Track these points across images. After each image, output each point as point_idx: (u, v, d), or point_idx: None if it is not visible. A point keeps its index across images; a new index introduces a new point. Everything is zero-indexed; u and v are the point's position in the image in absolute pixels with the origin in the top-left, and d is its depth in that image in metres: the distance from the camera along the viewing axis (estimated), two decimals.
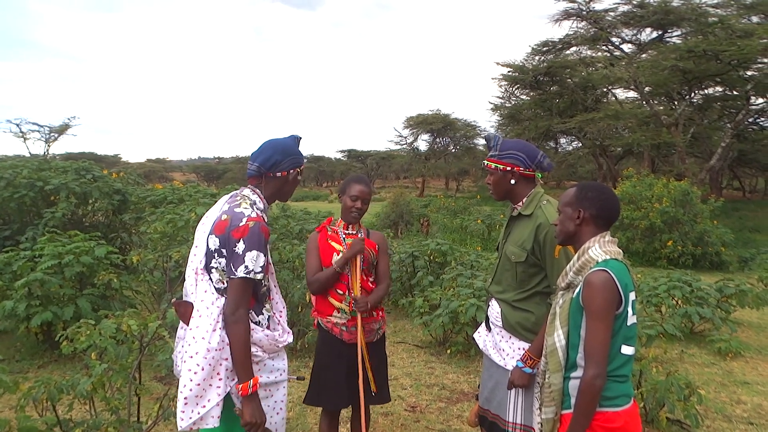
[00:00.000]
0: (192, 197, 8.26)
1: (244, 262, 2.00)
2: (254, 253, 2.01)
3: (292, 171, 2.22)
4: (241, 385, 2.00)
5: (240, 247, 2.01)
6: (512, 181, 2.48)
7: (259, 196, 2.19)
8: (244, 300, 2.02)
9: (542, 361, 2.13)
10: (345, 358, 2.86)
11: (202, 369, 1.97)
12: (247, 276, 2.00)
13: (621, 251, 2.05)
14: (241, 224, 2.03)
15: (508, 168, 2.47)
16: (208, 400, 1.99)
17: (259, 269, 2.03)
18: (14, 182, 7.31)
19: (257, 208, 2.14)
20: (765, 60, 20.21)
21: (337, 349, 2.88)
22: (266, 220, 2.16)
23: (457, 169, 42.33)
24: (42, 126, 36.88)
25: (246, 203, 2.13)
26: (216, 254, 2.06)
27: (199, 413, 1.98)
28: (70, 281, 4.87)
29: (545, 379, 2.08)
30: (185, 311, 2.12)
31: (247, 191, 2.20)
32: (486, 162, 2.55)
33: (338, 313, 2.86)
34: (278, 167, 2.18)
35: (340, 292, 2.86)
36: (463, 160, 42.39)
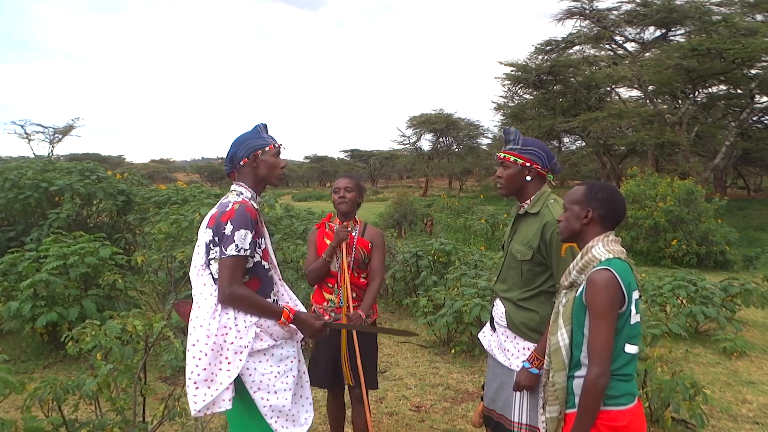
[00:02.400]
0: (196, 198, 8.25)
1: (233, 241, 2.10)
2: (242, 231, 2.11)
3: (251, 156, 2.28)
4: (279, 322, 2.15)
5: (228, 228, 2.11)
6: (528, 178, 2.46)
7: (244, 187, 2.30)
8: (236, 276, 2.10)
9: (546, 360, 2.13)
10: (328, 342, 3.05)
11: (205, 354, 2.03)
12: (238, 254, 2.09)
13: (624, 250, 2.05)
14: (227, 209, 2.16)
15: (528, 164, 2.45)
16: (220, 383, 2.04)
17: (248, 246, 2.12)
18: (19, 183, 7.31)
19: (244, 196, 2.26)
20: None
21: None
22: (256, 207, 2.25)
23: (460, 169, 42.22)
24: (46, 127, 37.12)
25: (233, 195, 2.27)
26: (212, 245, 2.16)
27: (211, 395, 2.02)
28: (75, 282, 4.89)
29: (549, 378, 2.08)
30: (185, 310, 2.22)
31: (233, 186, 2.34)
32: (503, 154, 2.49)
33: (327, 303, 3.13)
34: (237, 158, 2.30)
35: (330, 285, 3.12)
36: (466, 160, 42.29)
